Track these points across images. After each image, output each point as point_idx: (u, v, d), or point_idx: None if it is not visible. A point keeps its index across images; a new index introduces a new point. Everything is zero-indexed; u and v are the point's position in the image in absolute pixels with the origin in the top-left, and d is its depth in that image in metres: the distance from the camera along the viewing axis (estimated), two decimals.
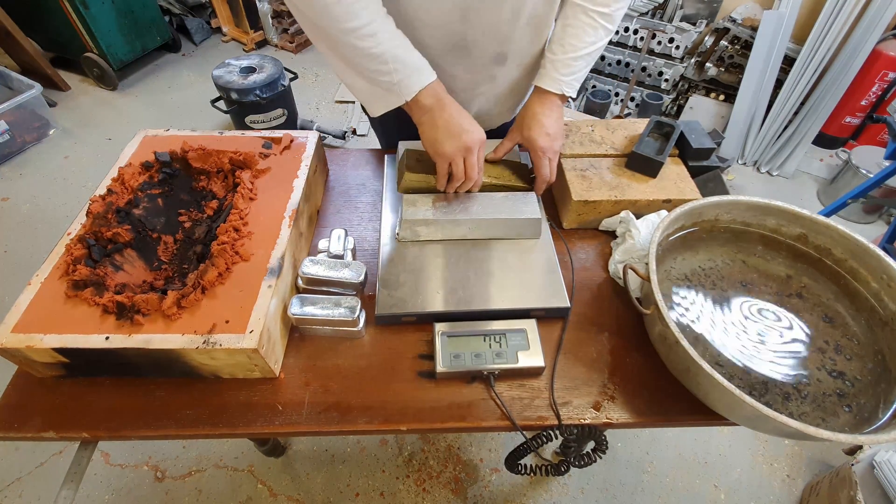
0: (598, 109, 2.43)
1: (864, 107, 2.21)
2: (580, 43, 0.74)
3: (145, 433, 0.59)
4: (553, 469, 0.70)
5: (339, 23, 0.61)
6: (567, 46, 0.74)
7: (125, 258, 0.66)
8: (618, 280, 0.75)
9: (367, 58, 0.64)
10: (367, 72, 0.67)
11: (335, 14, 0.60)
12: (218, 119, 2.48)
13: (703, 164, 0.86)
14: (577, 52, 0.74)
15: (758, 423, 0.53)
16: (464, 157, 0.70)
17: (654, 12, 2.28)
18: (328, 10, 0.60)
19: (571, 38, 0.74)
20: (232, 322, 0.57)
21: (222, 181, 0.77)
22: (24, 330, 0.56)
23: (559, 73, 0.75)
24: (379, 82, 0.67)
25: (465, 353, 0.63)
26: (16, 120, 2.19)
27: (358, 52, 0.64)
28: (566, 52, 0.74)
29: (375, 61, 0.65)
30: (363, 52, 0.64)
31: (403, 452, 1.39)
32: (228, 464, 1.35)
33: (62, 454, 1.36)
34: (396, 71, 0.65)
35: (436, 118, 0.69)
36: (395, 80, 0.66)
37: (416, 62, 0.67)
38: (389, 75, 0.66)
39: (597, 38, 0.74)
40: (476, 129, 0.70)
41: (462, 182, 0.72)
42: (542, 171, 0.77)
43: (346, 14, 0.61)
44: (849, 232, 0.66)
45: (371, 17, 0.63)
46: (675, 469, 1.38)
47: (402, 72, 0.66)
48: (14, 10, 2.32)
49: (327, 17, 0.61)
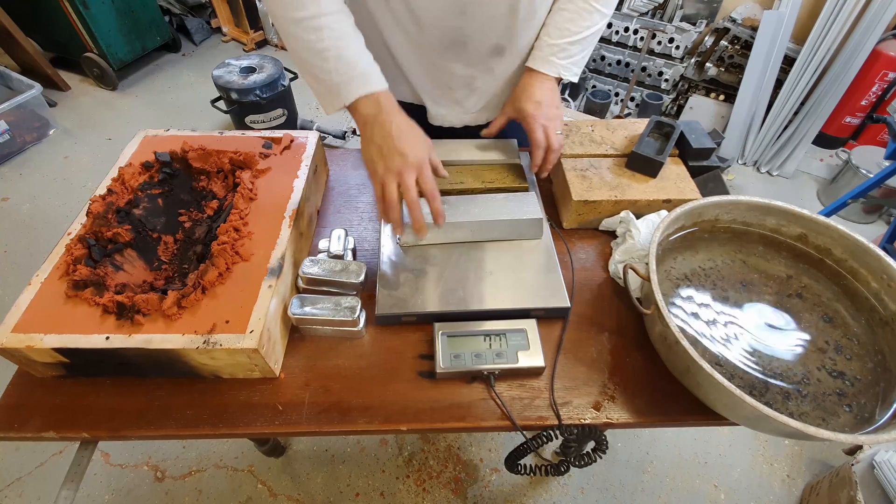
0: (598, 109, 2.43)
1: (864, 107, 2.21)
2: (575, 27, 0.73)
3: (145, 433, 0.59)
4: (553, 469, 0.70)
5: (288, 10, 0.59)
6: (563, 31, 0.73)
7: (125, 258, 0.66)
8: (618, 280, 0.75)
9: (311, 52, 0.62)
10: (311, 67, 0.63)
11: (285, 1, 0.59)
12: (218, 119, 2.48)
13: (703, 164, 0.86)
14: (573, 36, 0.73)
15: (758, 423, 0.53)
16: (396, 181, 0.62)
17: (654, 12, 2.28)
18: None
19: (567, 22, 0.73)
20: (232, 322, 0.57)
21: (222, 181, 0.77)
22: (24, 330, 0.56)
23: (555, 56, 0.74)
24: (321, 80, 0.64)
25: (465, 353, 0.63)
26: (16, 120, 2.19)
27: (303, 45, 0.61)
28: (563, 37, 0.73)
29: (318, 57, 0.61)
30: (307, 46, 0.61)
31: (403, 452, 1.39)
32: (228, 464, 1.35)
33: (62, 454, 1.36)
34: (337, 72, 0.62)
35: (373, 133, 0.63)
36: (335, 81, 0.63)
37: (363, 66, 0.64)
38: (329, 74, 0.62)
39: (592, 23, 0.73)
40: (413, 151, 0.62)
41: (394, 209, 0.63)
42: (535, 136, 0.74)
43: (295, 2, 0.59)
44: (849, 232, 0.66)
45: (321, 9, 0.60)
46: (675, 469, 1.38)
47: (344, 73, 0.62)
48: (14, 10, 2.32)
49: (278, 2, 0.59)
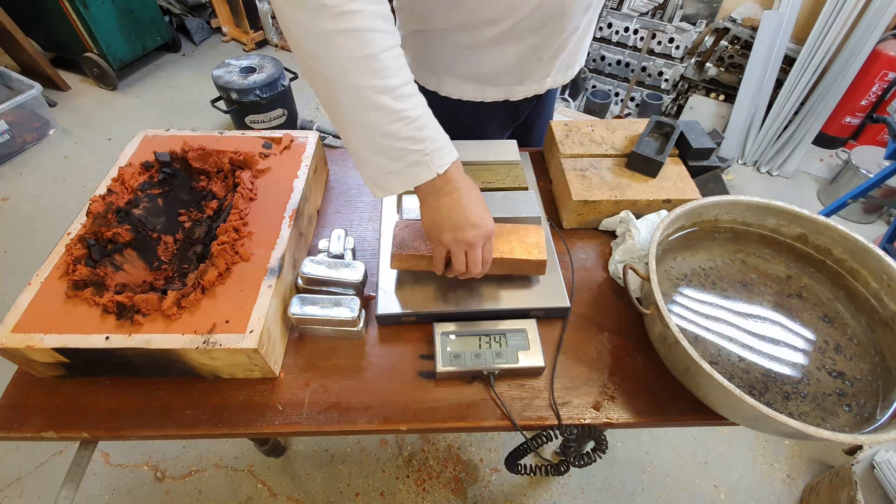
0: (598, 109, 2.43)
1: (864, 107, 2.21)
2: None
3: (145, 433, 0.59)
4: (553, 469, 0.70)
5: (376, 79, 0.50)
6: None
7: (125, 258, 0.66)
8: (618, 280, 0.75)
9: (402, 122, 0.52)
10: (392, 138, 0.53)
11: (373, 68, 0.49)
12: (218, 119, 2.48)
13: (703, 164, 0.86)
14: None
15: (758, 423, 0.53)
16: (465, 251, 0.60)
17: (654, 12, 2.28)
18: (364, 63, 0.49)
19: None
20: (232, 322, 0.57)
21: (222, 181, 0.77)
22: (24, 330, 0.56)
23: None
24: (404, 153, 0.54)
25: (465, 353, 0.63)
26: (16, 120, 2.19)
27: (390, 116, 0.51)
28: None
29: (411, 126, 0.52)
30: (398, 115, 0.51)
31: (403, 452, 1.39)
32: (228, 464, 1.35)
33: (62, 454, 1.36)
34: (431, 139, 0.54)
35: (440, 203, 0.58)
36: (428, 150, 0.54)
37: (443, 133, 0.57)
38: (423, 143, 0.54)
39: None
40: (484, 222, 0.59)
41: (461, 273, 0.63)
42: None
43: (386, 69, 0.49)
44: (849, 232, 0.66)
45: (408, 78, 0.53)
46: (675, 469, 1.37)
47: (437, 141, 0.55)
48: (14, 10, 2.32)
49: (361, 71, 0.49)
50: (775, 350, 0.61)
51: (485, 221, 0.60)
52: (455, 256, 0.61)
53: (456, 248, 0.60)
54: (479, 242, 0.60)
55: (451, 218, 0.58)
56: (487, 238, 0.61)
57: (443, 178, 0.57)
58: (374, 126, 0.52)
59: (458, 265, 0.61)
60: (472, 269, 0.61)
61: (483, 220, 0.59)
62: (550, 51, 0.80)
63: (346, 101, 0.52)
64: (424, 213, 0.61)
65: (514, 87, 0.85)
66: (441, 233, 0.59)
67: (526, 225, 0.71)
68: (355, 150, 0.57)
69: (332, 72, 0.50)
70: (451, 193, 0.58)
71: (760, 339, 0.62)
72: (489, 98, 0.85)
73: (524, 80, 0.84)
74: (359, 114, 0.52)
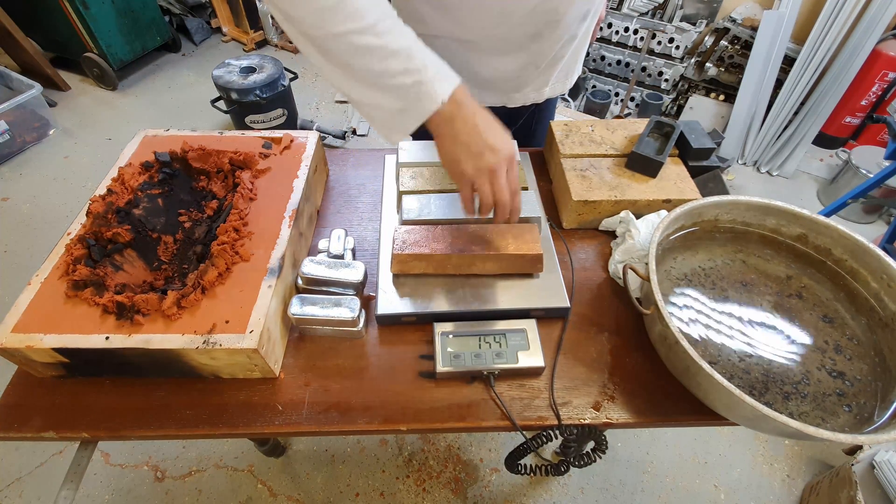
0: (598, 109, 2.43)
1: (864, 107, 2.21)
2: None
3: (145, 433, 0.59)
4: (553, 469, 0.70)
5: (352, 21, 0.50)
6: None
7: (125, 258, 0.66)
8: (618, 280, 0.75)
9: (391, 57, 0.52)
10: (387, 76, 0.53)
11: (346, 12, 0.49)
12: (218, 119, 2.48)
13: (703, 164, 0.86)
14: None
15: (758, 423, 0.53)
16: (489, 180, 0.58)
17: (654, 12, 2.28)
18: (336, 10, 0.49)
19: None
20: (232, 322, 0.57)
21: (222, 181, 0.77)
22: (24, 330, 0.56)
23: None
24: (404, 88, 0.53)
25: (465, 353, 0.63)
26: (16, 120, 2.19)
27: (370, 56, 0.51)
28: None
29: (400, 59, 0.52)
30: (379, 53, 0.51)
31: (403, 452, 1.39)
32: (228, 464, 1.35)
33: (62, 454, 1.36)
34: (425, 67, 0.53)
35: (458, 131, 0.56)
36: (425, 80, 0.53)
37: (438, 59, 0.55)
38: (419, 73, 0.53)
39: None
40: (504, 145, 0.58)
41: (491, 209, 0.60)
42: None
43: (356, 13, 0.50)
44: (849, 232, 0.66)
45: (384, 11, 0.52)
46: (675, 469, 1.38)
47: (432, 68, 0.53)
48: (14, 10, 2.32)
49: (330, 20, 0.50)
50: (775, 350, 0.61)
51: (504, 144, 0.57)
52: (480, 188, 0.58)
53: (480, 179, 0.58)
54: (502, 167, 0.57)
55: (469, 146, 0.56)
56: (510, 162, 0.58)
57: (451, 105, 0.55)
58: (367, 69, 0.52)
59: (486, 197, 0.58)
60: (501, 198, 0.58)
61: (502, 143, 0.57)
62: (547, 59, 0.79)
63: (335, 56, 0.52)
64: (441, 149, 0.59)
65: (512, 95, 0.85)
66: (461, 164, 0.57)
67: (521, 224, 0.71)
68: (359, 100, 0.56)
69: (313, 29, 0.50)
70: (464, 119, 0.56)
71: (760, 340, 0.62)
72: (486, 103, 0.84)
73: (521, 87, 0.84)
74: (350, 62, 0.52)
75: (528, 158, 0.92)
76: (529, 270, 0.70)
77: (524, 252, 0.68)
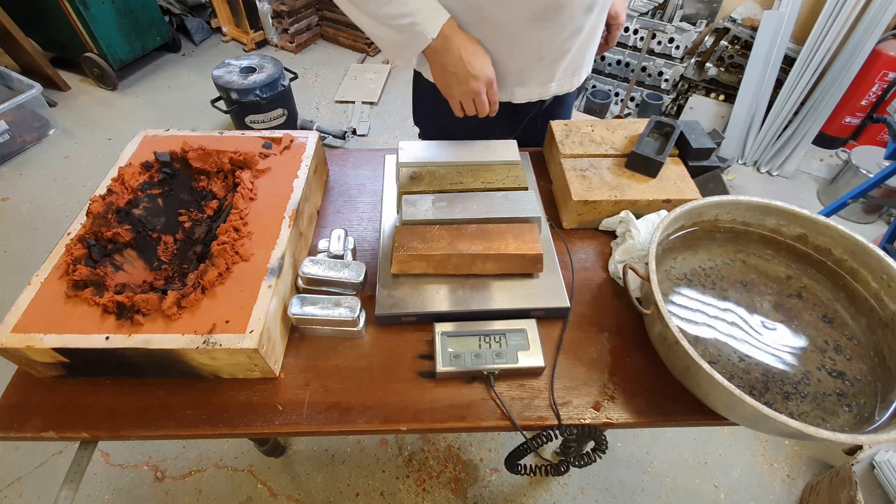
0: (598, 109, 2.43)
1: (864, 107, 2.21)
2: None
3: (145, 433, 0.59)
4: (553, 469, 0.70)
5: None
6: None
7: (125, 258, 0.66)
8: (618, 280, 0.75)
9: (389, 4, 0.67)
10: (389, 18, 0.68)
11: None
12: (218, 119, 2.48)
13: (703, 164, 0.86)
14: None
15: (758, 423, 0.53)
16: (472, 98, 0.75)
17: (654, 12, 2.28)
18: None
19: None
20: (232, 322, 0.57)
21: (222, 181, 0.77)
22: (24, 330, 0.56)
23: None
24: (401, 28, 0.69)
25: (465, 353, 0.63)
26: (16, 120, 2.19)
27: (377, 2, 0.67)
28: None
29: (396, 5, 0.67)
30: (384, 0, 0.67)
31: (403, 452, 1.39)
32: (228, 464, 1.35)
33: (62, 454, 1.36)
34: (417, 11, 0.68)
35: (446, 62, 0.73)
36: (418, 21, 0.68)
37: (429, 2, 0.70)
38: (412, 16, 0.68)
39: None
40: (483, 72, 0.74)
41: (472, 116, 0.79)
42: None
43: None
44: (849, 232, 0.66)
45: None
46: (675, 469, 1.38)
47: (423, 11, 0.69)
48: (14, 10, 2.32)
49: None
50: (775, 350, 0.61)
51: (483, 72, 0.74)
52: (466, 105, 0.77)
53: (465, 99, 0.76)
54: (482, 90, 0.75)
55: (455, 73, 0.73)
56: (489, 84, 0.75)
57: (440, 40, 0.71)
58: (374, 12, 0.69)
59: (470, 111, 0.78)
60: (481, 110, 0.78)
61: (481, 71, 0.74)
62: (552, 52, 0.79)
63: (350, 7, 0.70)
64: (434, 74, 0.77)
65: (516, 89, 0.85)
66: (450, 88, 0.76)
67: (521, 224, 0.71)
68: (371, 33, 0.74)
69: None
70: (451, 51, 0.72)
71: (760, 339, 0.62)
72: None
73: (525, 81, 0.84)
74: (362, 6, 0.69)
75: (528, 158, 0.92)
76: (529, 270, 0.70)
77: (524, 252, 0.68)
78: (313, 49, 3.08)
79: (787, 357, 0.61)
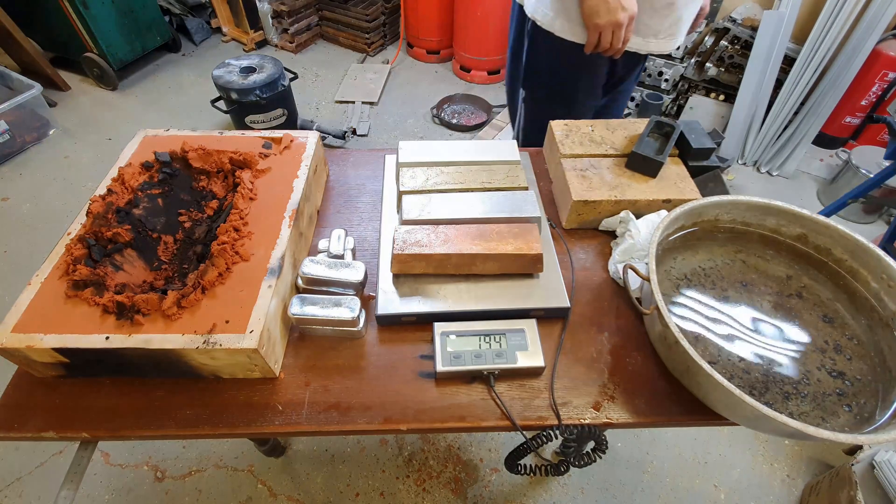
0: None
1: (864, 107, 2.21)
2: None
3: (145, 433, 0.59)
4: (553, 469, 0.70)
5: None
6: None
7: (125, 258, 0.66)
8: (618, 280, 0.75)
9: None
10: None
11: None
12: (218, 119, 2.48)
13: (703, 164, 0.86)
14: None
15: (758, 423, 0.53)
16: (613, 30, 0.81)
17: None
18: None
19: None
20: (232, 322, 0.57)
21: (222, 181, 0.77)
22: (24, 330, 0.56)
23: None
24: None
25: (465, 353, 0.63)
26: (16, 120, 2.19)
27: None
28: None
29: None
30: None
31: (403, 452, 1.39)
32: (228, 464, 1.35)
33: (62, 454, 1.36)
34: None
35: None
36: None
37: None
38: None
39: None
40: (631, 5, 0.80)
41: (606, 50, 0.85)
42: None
43: None
44: (849, 232, 0.66)
45: None
46: (675, 469, 1.38)
47: None
48: (14, 10, 2.32)
49: None
50: (775, 350, 0.61)
51: (631, 4, 0.80)
52: (604, 36, 0.83)
53: (607, 30, 0.82)
54: (625, 22, 0.80)
55: (608, 2, 0.79)
56: (631, 19, 0.81)
57: None
58: None
59: (606, 43, 0.83)
60: (616, 45, 0.84)
61: (630, 3, 0.80)
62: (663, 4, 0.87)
63: None
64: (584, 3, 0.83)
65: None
66: (599, 16, 0.81)
67: (521, 224, 0.71)
68: None
69: None
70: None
71: (760, 339, 0.62)
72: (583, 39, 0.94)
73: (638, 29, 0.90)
74: None
75: (528, 158, 0.92)
76: (529, 270, 0.70)
77: (524, 252, 0.68)
78: (313, 49, 3.08)
79: (787, 357, 0.61)
